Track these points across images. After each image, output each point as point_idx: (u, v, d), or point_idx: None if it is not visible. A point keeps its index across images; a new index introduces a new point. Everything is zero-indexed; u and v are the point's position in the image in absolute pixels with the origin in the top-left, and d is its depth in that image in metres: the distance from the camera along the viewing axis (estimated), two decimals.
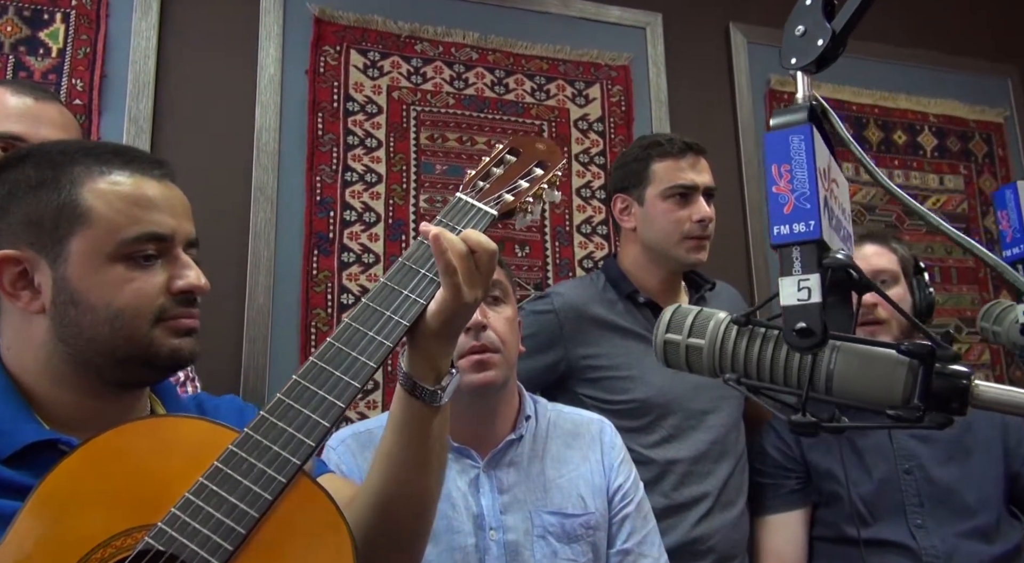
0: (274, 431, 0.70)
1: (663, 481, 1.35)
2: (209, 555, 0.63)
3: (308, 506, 0.68)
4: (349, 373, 0.74)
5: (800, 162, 0.54)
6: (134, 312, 0.73)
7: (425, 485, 0.80)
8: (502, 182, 0.89)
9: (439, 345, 0.78)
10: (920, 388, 0.52)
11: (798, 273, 0.53)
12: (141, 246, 0.74)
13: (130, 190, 0.75)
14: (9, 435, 0.70)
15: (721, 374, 0.60)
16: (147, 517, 0.65)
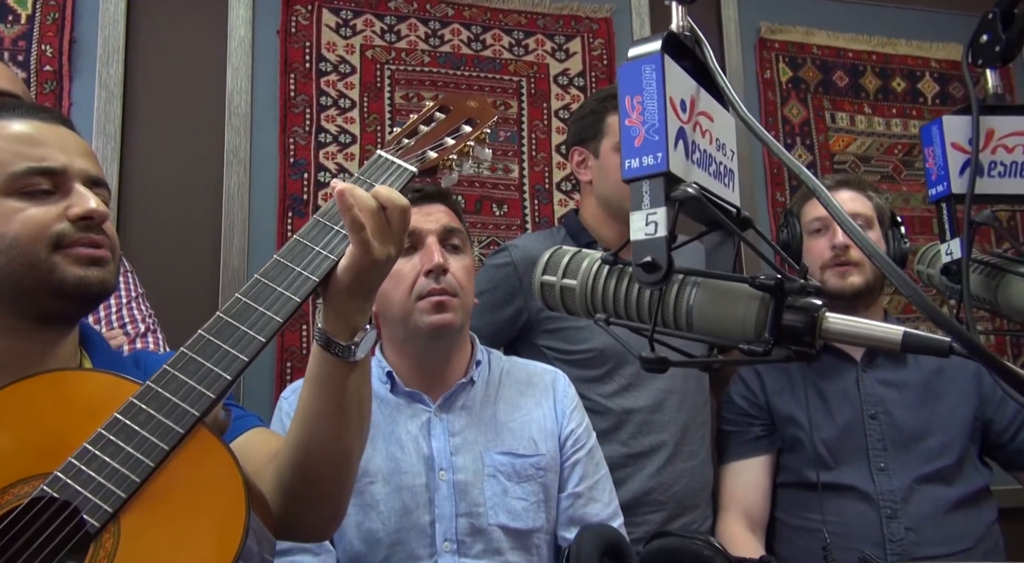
0: (175, 383, 0.71)
1: (621, 430, 1.35)
2: (102, 502, 0.64)
3: (206, 458, 0.69)
4: (255, 327, 0.74)
5: (651, 93, 0.52)
6: (28, 238, 0.74)
7: (344, 439, 0.80)
8: (427, 139, 0.89)
9: (352, 301, 0.78)
10: (771, 322, 0.51)
11: (646, 207, 0.52)
12: (32, 180, 0.76)
13: (17, 131, 0.78)
14: None
15: (593, 315, 0.60)
16: (45, 466, 0.66)
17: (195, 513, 0.67)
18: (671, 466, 1.36)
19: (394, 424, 1.14)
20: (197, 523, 0.67)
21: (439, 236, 1.16)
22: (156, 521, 0.66)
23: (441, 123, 0.93)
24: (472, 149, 0.93)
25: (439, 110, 0.95)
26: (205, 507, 0.68)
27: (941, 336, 0.46)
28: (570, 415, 1.24)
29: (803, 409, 1.35)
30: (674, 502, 1.35)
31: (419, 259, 1.14)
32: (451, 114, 0.94)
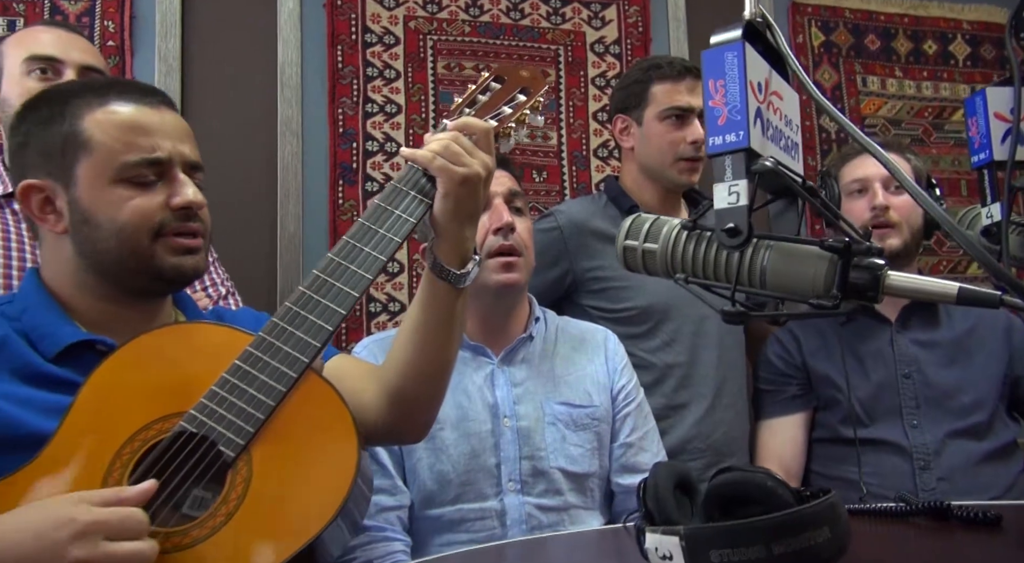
0: (285, 334, 0.80)
1: (664, 383, 1.44)
2: (234, 436, 0.74)
3: (317, 397, 0.78)
4: (349, 283, 0.83)
5: (733, 77, 0.59)
6: (135, 227, 0.82)
7: (447, 351, 0.92)
8: (487, 108, 0.96)
9: (459, 228, 0.88)
10: (839, 279, 0.58)
11: (729, 179, 0.59)
12: (140, 171, 0.83)
13: (126, 118, 0.84)
14: (54, 337, 0.81)
15: (673, 275, 0.67)
16: (180, 406, 0.76)
17: (314, 445, 0.77)
18: (710, 417, 1.45)
19: (460, 375, 1.23)
20: (317, 453, 0.76)
21: (505, 198, 1.25)
22: (281, 452, 0.76)
23: (497, 93, 1.00)
24: (527, 117, 1.00)
25: (494, 80, 1.02)
26: (321, 439, 0.77)
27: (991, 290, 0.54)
28: (621, 371, 1.33)
29: (839, 369, 1.42)
30: (713, 450, 1.44)
31: (488, 218, 1.22)
32: (506, 84, 1.01)
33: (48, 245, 0.87)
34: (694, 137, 1.48)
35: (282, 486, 0.74)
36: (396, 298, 1.82)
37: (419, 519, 1.19)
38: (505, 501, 1.19)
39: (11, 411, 0.75)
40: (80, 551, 0.62)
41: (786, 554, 0.59)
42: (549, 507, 1.20)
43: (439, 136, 0.89)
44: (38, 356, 0.80)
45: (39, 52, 1.18)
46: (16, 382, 0.78)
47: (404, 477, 1.20)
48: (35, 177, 0.84)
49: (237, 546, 0.70)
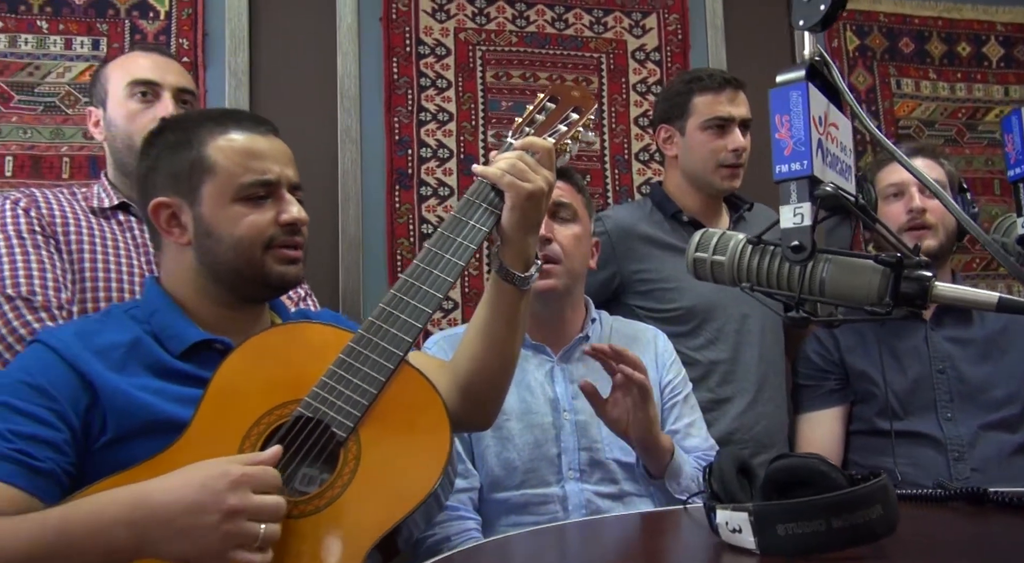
0: (381, 331, 0.91)
1: (708, 379, 1.54)
2: (344, 419, 0.85)
3: (411, 387, 0.89)
4: (434, 285, 0.94)
5: (797, 113, 0.68)
6: (250, 240, 0.94)
7: (511, 347, 1.02)
8: (544, 127, 1.06)
9: (523, 236, 0.98)
10: (891, 289, 0.67)
11: (794, 202, 0.68)
12: (254, 190, 0.94)
13: (243, 145, 0.96)
14: (180, 337, 0.93)
15: (739, 283, 0.76)
16: (295, 394, 0.87)
17: (412, 427, 0.88)
18: (752, 410, 1.55)
19: (523, 371, 1.33)
20: (415, 434, 0.87)
21: (549, 210, 1.34)
22: (384, 433, 0.86)
23: (553, 112, 1.10)
24: (579, 133, 1.10)
25: (549, 100, 1.11)
26: (418, 422, 0.88)
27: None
28: (669, 367, 1.42)
29: (876, 365, 1.50)
30: (755, 441, 1.54)
31: None
32: (560, 104, 1.11)
33: (171, 255, 0.98)
34: (735, 145, 1.57)
35: (387, 462, 0.84)
36: (449, 296, 1.93)
37: (487, 501, 1.29)
38: (566, 488, 1.29)
39: (149, 400, 0.87)
40: (234, 499, 0.72)
41: (843, 528, 0.68)
42: (606, 494, 1.30)
43: (506, 155, 0.99)
44: (166, 354, 0.92)
45: (140, 77, 1.29)
46: (150, 376, 0.90)
47: (473, 462, 1.30)
48: (164, 195, 0.95)
49: (352, 512, 0.80)
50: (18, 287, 1.12)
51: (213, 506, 0.72)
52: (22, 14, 1.74)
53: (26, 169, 1.69)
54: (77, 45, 1.77)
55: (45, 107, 1.72)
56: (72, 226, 1.23)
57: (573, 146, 1.09)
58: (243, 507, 0.72)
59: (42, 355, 0.87)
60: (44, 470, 0.80)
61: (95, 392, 0.85)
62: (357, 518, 0.79)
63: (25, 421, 0.82)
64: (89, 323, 0.94)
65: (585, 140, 1.11)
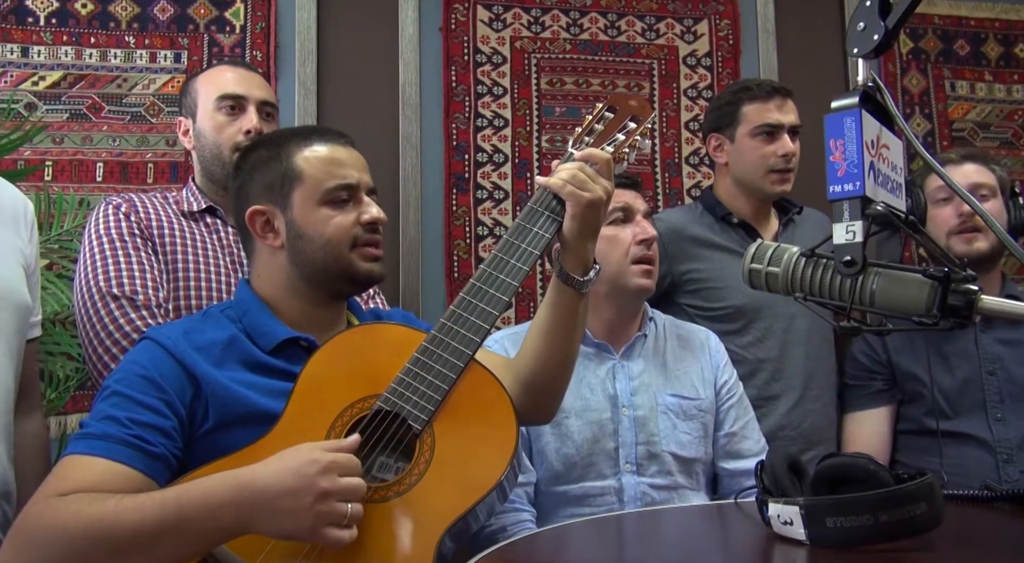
0: (452, 332, 0.98)
1: (756, 376, 1.59)
2: (419, 413, 0.93)
3: (480, 383, 0.96)
4: (500, 289, 1.00)
5: (851, 138, 0.73)
6: (337, 239, 1.03)
7: (571, 344, 1.09)
8: (603, 137, 1.12)
9: (583, 243, 1.04)
10: (939, 301, 0.72)
11: (847, 220, 0.73)
12: (338, 193, 1.03)
13: (326, 155, 1.05)
14: (270, 335, 1.02)
15: (792, 293, 0.82)
16: (375, 389, 0.95)
17: (482, 421, 0.95)
18: (799, 407, 1.60)
19: (584, 371, 1.41)
20: (485, 428, 0.94)
21: (644, 214, 1.42)
22: (457, 426, 0.93)
23: (611, 122, 1.15)
24: (637, 142, 1.15)
25: (608, 110, 1.17)
26: (488, 417, 0.95)
27: None
28: (723, 368, 1.48)
29: (924, 366, 1.53)
30: (803, 438, 1.58)
31: (633, 230, 1.40)
32: (618, 113, 1.16)
33: (264, 258, 1.08)
34: (784, 151, 1.62)
35: (459, 453, 0.92)
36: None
37: (547, 494, 1.36)
38: (623, 480, 1.36)
39: (245, 393, 0.96)
40: (326, 483, 0.81)
41: (890, 522, 0.74)
42: (661, 486, 1.36)
43: (566, 166, 1.05)
44: (258, 350, 1.01)
45: (228, 91, 1.40)
46: (244, 370, 0.99)
47: (532, 457, 1.38)
48: (258, 204, 1.05)
49: (427, 499, 0.88)
50: (122, 287, 1.23)
51: (307, 490, 0.80)
52: (111, 30, 1.87)
53: (115, 174, 1.83)
54: (161, 58, 1.89)
55: (132, 117, 1.85)
56: (167, 229, 1.34)
57: (631, 154, 1.15)
58: (332, 489, 0.81)
59: (153, 351, 0.97)
60: (158, 454, 0.90)
61: (198, 384, 0.95)
62: (432, 504, 0.87)
63: (141, 410, 0.91)
64: (192, 322, 1.04)
65: (643, 148, 1.17)
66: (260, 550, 0.83)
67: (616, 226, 1.40)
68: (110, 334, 1.20)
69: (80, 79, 1.84)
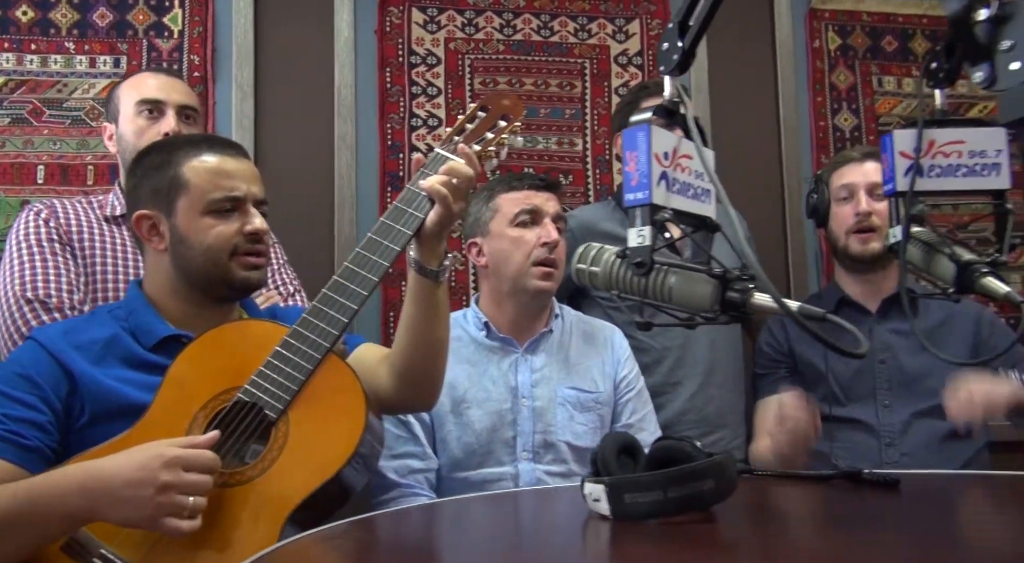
0: (311, 326, 1.05)
1: (661, 363, 1.67)
2: (275, 403, 1.00)
3: (336, 373, 1.03)
4: (360, 285, 1.08)
5: (642, 150, 0.80)
6: (217, 247, 1.09)
7: (435, 332, 1.16)
8: (472, 136, 1.19)
9: (439, 241, 1.13)
10: (720, 299, 0.80)
11: (638, 225, 0.81)
12: (221, 204, 1.10)
13: (214, 165, 1.12)
14: (151, 332, 1.09)
15: (611, 291, 0.89)
16: (237, 382, 1.02)
17: (334, 408, 1.02)
18: (702, 393, 1.67)
19: (488, 363, 1.49)
20: (336, 414, 1.01)
21: (552, 218, 1.49)
22: (310, 414, 1.01)
23: (482, 121, 1.22)
24: (505, 140, 1.22)
25: (480, 110, 1.24)
26: (339, 404, 1.02)
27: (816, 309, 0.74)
28: (624, 363, 1.56)
29: (821, 355, 1.61)
30: (706, 422, 1.67)
31: (538, 232, 1.47)
32: (490, 112, 1.23)
33: (151, 260, 1.15)
34: None
35: (311, 437, 0.99)
36: None
37: (448, 480, 1.45)
38: (519, 467, 1.44)
39: (120, 389, 1.03)
40: (167, 476, 0.87)
41: (678, 497, 0.81)
42: (556, 473, 1.44)
43: (435, 177, 1.12)
44: (140, 347, 1.08)
45: (147, 96, 1.47)
46: (124, 367, 1.06)
47: (435, 445, 1.46)
48: (146, 208, 1.12)
49: (277, 482, 0.96)
50: (36, 290, 1.31)
51: (149, 482, 0.87)
52: (52, 36, 1.94)
53: (56, 177, 1.90)
54: (100, 63, 1.96)
55: (72, 120, 1.92)
56: (86, 233, 1.42)
57: (502, 150, 1.22)
58: (173, 483, 0.87)
59: (33, 350, 1.04)
60: (31, 446, 0.97)
61: (74, 381, 1.02)
62: (280, 488, 0.94)
63: (15, 406, 0.98)
64: (77, 322, 1.12)
65: (514, 145, 1.24)
66: (116, 534, 0.91)
67: (522, 228, 1.48)
68: (23, 336, 1.28)
69: (21, 85, 1.91)
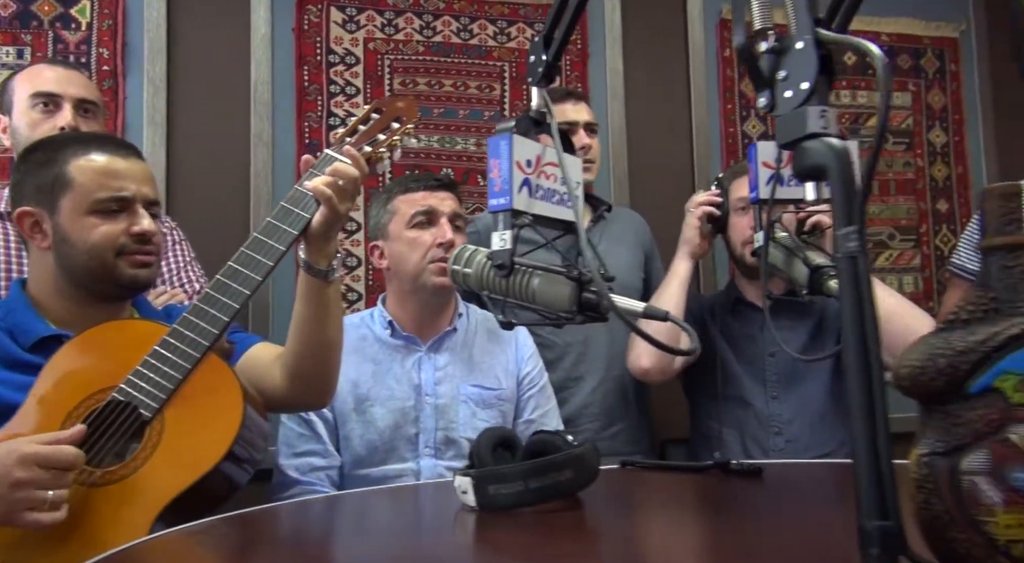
0: (191, 325, 1.05)
1: (564, 359, 1.73)
2: (151, 401, 1.00)
3: (214, 373, 1.04)
4: (243, 284, 1.09)
5: (504, 158, 0.84)
6: (102, 246, 1.09)
7: (326, 332, 1.16)
8: (364, 137, 1.20)
9: (327, 242, 1.14)
10: (577, 299, 0.84)
11: (500, 230, 0.85)
12: (108, 204, 1.09)
13: (101, 165, 1.11)
14: (29, 332, 1.08)
15: (482, 291, 0.93)
16: (114, 381, 1.01)
17: (210, 406, 1.02)
18: (603, 386, 1.74)
19: (392, 361, 1.51)
20: (212, 412, 1.01)
21: (449, 218, 1.51)
22: (186, 413, 1.01)
23: (375, 123, 1.23)
24: (397, 143, 1.24)
25: (374, 112, 1.25)
26: (216, 402, 1.02)
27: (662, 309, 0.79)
28: (527, 360, 1.60)
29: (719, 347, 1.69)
30: (607, 415, 1.73)
31: (434, 232, 1.49)
32: (383, 115, 1.24)
33: (34, 258, 1.14)
34: (581, 143, 1.78)
35: (186, 436, 0.99)
36: (354, 288, 2.10)
37: (351, 477, 1.47)
38: (421, 463, 1.47)
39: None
40: (20, 472, 0.87)
41: (538, 488, 0.86)
42: (457, 468, 1.47)
43: (326, 179, 1.12)
44: (17, 347, 1.07)
45: (42, 89, 1.45)
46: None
47: (338, 443, 1.48)
48: (29, 205, 1.11)
49: (148, 480, 0.96)
50: None
51: (2, 479, 0.87)
52: None
53: None
54: (3, 54, 1.91)
55: None
56: None
57: (395, 152, 1.24)
58: (26, 479, 0.87)
59: None
60: None
61: None
62: (152, 485, 0.95)
63: None
64: None
65: (408, 146, 1.27)
66: None
67: (419, 229, 1.50)
68: None
69: None
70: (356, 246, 2.10)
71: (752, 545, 0.73)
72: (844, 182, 0.51)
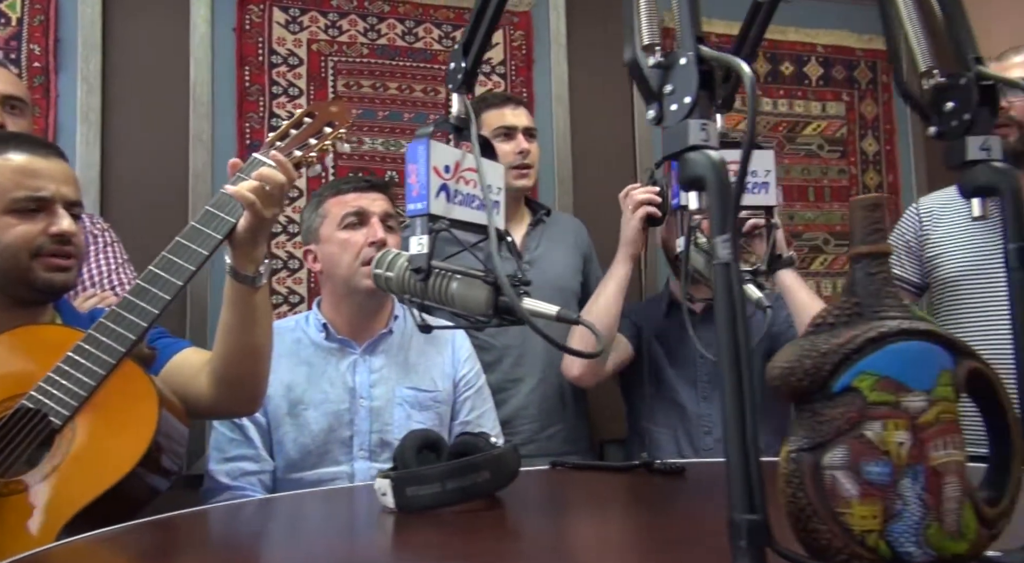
0: (107, 330, 1.04)
1: (502, 361, 1.74)
2: (61, 409, 0.98)
3: (130, 379, 1.02)
4: (163, 289, 1.07)
5: (422, 162, 0.85)
6: (16, 248, 1.07)
7: (254, 338, 1.15)
8: (295, 141, 1.20)
9: (254, 247, 1.12)
10: (494, 303, 0.86)
11: (417, 234, 0.86)
12: (25, 203, 1.07)
13: (19, 164, 1.08)
14: None
15: (403, 295, 0.94)
16: (24, 388, 0.99)
17: (124, 414, 1.00)
18: (540, 388, 1.76)
19: (327, 364, 1.50)
20: (126, 419, 1.00)
21: (380, 218, 1.51)
22: (99, 421, 0.99)
23: (307, 127, 1.23)
24: (328, 147, 1.23)
25: (307, 116, 1.24)
26: (130, 409, 1.01)
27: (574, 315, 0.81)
28: (464, 362, 1.61)
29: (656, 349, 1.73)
30: (544, 416, 1.76)
31: (365, 233, 1.48)
32: (316, 119, 1.23)
33: None
34: (520, 148, 1.80)
35: (98, 443, 0.98)
36: (296, 291, 2.08)
37: (284, 481, 1.45)
38: (355, 466, 1.46)
39: None
40: None
41: (455, 489, 0.87)
42: None
43: (252, 183, 1.11)
44: None
45: None
46: None
47: (272, 448, 1.46)
48: None
49: (60, 488, 0.94)
50: None
51: None
52: None
53: None
54: None
55: None
56: None
57: (327, 156, 1.24)
58: None
59: None
60: None
61: None
62: (61, 494, 0.93)
63: None
64: None
65: (341, 151, 1.26)
66: None
67: (350, 230, 1.50)
68: None
69: None
70: (298, 248, 2.08)
71: (665, 540, 0.76)
72: (720, 192, 0.53)
